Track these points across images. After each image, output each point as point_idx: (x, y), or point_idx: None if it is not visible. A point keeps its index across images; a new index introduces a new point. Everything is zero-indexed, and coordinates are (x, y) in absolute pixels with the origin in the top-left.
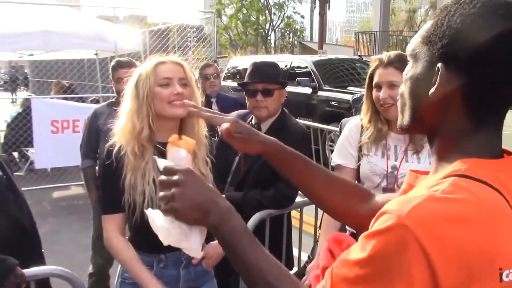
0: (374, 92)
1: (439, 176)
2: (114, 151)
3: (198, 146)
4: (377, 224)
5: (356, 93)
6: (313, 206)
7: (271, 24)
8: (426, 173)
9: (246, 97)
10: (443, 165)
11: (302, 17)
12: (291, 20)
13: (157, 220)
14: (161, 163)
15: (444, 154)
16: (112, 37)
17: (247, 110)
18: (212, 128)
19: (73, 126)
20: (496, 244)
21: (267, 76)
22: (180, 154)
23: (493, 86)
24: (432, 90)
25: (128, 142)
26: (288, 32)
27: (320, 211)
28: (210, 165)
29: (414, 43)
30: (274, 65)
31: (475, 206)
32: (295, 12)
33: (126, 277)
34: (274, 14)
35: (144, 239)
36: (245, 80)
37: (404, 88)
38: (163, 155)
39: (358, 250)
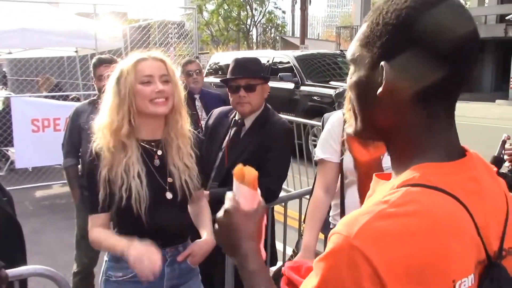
0: None
1: (394, 185)
2: (94, 147)
3: (182, 139)
4: (328, 246)
5: (338, 88)
6: (297, 200)
7: (253, 20)
8: (389, 176)
9: (229, 93)
10: (400, 170)
11: (284, 12)
12: (273, 15)
13: None
14: (227, 197)
15: (401, 158)
16: (92, 34)
17: (230, 107)
18: (196, 123)
19: (54, 124)
20: (447, 256)
21: (249, 72)
22: (239, 190)
23: (444, 84)
24: (379, 90)
25: (105, 137)
26: (269, 27)
27: (304, 206)
28: (194, 158)
29: (353, 48)
30: (256, 61)
31: (425, 219)
32: (276, 8)
33: (110, 275)
34: (256, 9)
35: (127, 235)
36: (228, 76)
37: (351, 94)
38: (147, 153)
39: (313, 276)
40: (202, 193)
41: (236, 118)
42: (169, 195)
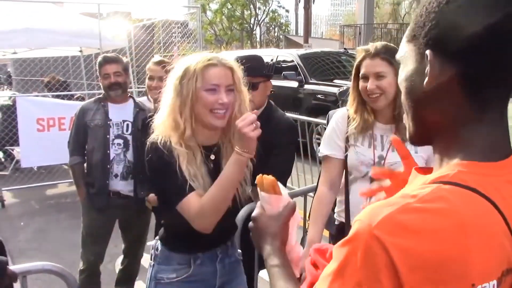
0: (360, 83)
1: (427, 180)
2: (161, 142)
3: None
4: (350, 232)
5: (342, 86)
6: (302, 198)
7: (256, 19)
8: (430, 171)
9: None
10: (440, 165)
11: (287, 11)
12: (276, 14)
13: None
14: (256, 206)
15: (442, 154)
16: (97, 34)
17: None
18: None
19: (59, 124)
20: (468, 258)
21: (251, 70)
22: (262, 197)
23: (491, 71)
24: (425, 80)
25: (172, 137)
26: (273, 26)
27: (308, 203)
28: (250, 165)
29: (401, 46)
30: (257, 58)
31: (450, 218)
32: (279, 6)
33: (161, 278)
34: (259, 8)
35: (187, 238)
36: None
37: (402, 93)
38: (206, 158)
39: (332, 261)
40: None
41: None
42: None
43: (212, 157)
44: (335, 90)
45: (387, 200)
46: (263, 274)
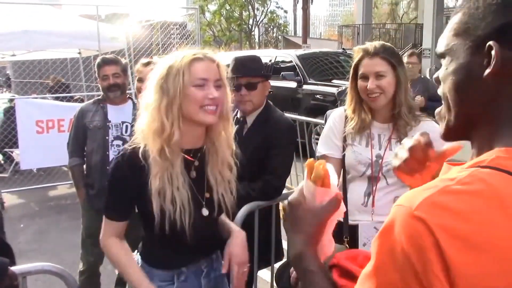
0: (359, 82)
1: (464, 166)
2: (140, 151)
3: (226, 150)
4: (387, 219)
5: (341, 86)
6: None
7: (255, 20)
8: (462, 164)
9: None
10: (479, 153)
11: (285, 12)
12: (275, 15)
13: None
14: (296, 189)
15: (481, 142)
16: (95, 35)
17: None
18: None
19: (58, 125)
20: (510, 238)
21: (249, 70)
22: (306, 185)
23: None
24: (487, 71)
25: (154, 142)
26: (272, 27)
27: None
28: (235, 171)
29: (446, 39)
30: (256, 59)
31: (490, 200)
32: (278, 7)
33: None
34: (257, 9)
35: (168, 252)
36: (228, 75)
37: (445, 87)
38: (186, 163)
39: (373, 255)
40: None
41: (238, 116)
42: (205, 212)
43: (196, 163)
44: (333, 90)
45: (425, 185)
46: (262, 274)
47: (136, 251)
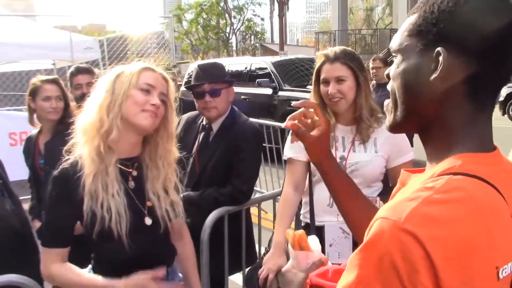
0: (322, 87)
1: (434, 173)
2: (71, 161)
3: (166, 163)
4: (371, 232)
5: None
6: (271, 201)
7: (232, 28)
8: (420, 171)
9: (194, 99)
10: (437, 160)
11: (262, 19)
12: (252, 23)
13: None
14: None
15: (439, 148)
16: (69, 46)
17: (197, 112)
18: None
19: None
20: (491, 242)
21: (212, 77)
22: (291, 253)
23: (499, 70)
24: (433, 75)
25: (92, 139)
26: (249, 35)
27: (278, 207)
28: (180, 187)
29: (400, 38)
30: (218, 66)
31: (470, 206)
32: (255, 15)
33: None
34: (234, 17)
35: (114, 270)
36: (192, 82)
37: (394, 85)
38: (122, 173)
39: (351, 270)
40: (184, 224)
41: (204, 123)
42: (148, 221)
43: (134, 173)
44: (308, 96)
45: (404, 197)
46: (235, 278)
47: (89, 265)
